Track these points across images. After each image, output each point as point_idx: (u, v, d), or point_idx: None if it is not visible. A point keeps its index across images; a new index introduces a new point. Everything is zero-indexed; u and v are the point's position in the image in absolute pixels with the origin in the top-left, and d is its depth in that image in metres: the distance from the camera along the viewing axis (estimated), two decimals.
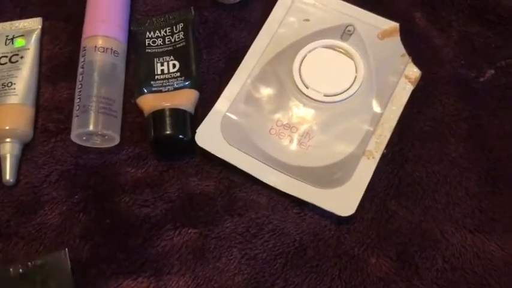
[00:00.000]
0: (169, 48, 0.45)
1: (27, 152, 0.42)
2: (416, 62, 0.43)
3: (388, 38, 0.44)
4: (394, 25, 0.44)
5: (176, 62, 0.44)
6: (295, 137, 0.41)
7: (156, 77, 0.43)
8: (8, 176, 0.40)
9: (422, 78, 0.43)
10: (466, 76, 0.44)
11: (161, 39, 0.45)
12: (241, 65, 0.44)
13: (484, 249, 0.38)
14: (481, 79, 0.44)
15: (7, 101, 0.42)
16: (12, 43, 0.45)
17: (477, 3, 0.47)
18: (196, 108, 0.43)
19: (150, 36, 0.46)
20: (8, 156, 0.41)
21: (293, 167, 0.40)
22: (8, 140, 0.41)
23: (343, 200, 0.39)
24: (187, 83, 0.43)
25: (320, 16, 0.46)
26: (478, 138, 0.42)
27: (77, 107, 0.41)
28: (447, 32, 0.46)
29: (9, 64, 0.44)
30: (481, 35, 0.46)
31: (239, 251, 0.39)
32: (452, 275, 0.37)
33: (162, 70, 0.44)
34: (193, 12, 0.46)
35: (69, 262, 0.37)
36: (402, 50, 0.43)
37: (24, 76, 0.44)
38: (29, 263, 0.37)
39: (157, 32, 0.46)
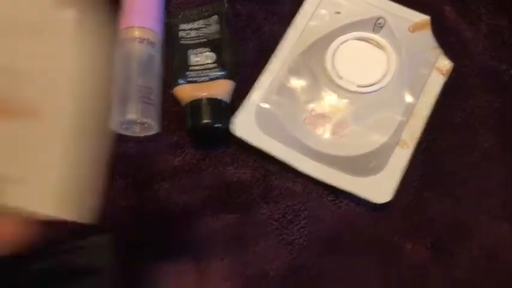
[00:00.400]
0: (204, 40, 0.46)
1: None
2: (447, 54, 0.44)
3: (419, 31, 0.45)
4: (425, 18, 0.45)
5: (211, 53, 0.45)
6: (329, 126, 0.42)
7: (191, 68, 0.44)
8: None
9: (453, 70, 0.44)
10: (496, 69, 0.45)
11: (195, 31, 0.46)
12: (273, 57, 0.45)
13: None
14: (511, 71, 0.45)
15: None
16: None
17: None
18: (232, 98, 0.44)
19: (183, 28, 0.47)
20: None
21: (327, 156, 0.41)
22: None
23: (378, 187, 0.40)
24: (222, 73, 0.44)
25: (351, 9, 0.47)
26: (508, 129, 0.43)
27: (116, 96, 0.42)
28: (476, 25, 0.47)
29: None
30: (510, 28, 0.46)
31: (276, 237, 0.40)
32: (486, 262, 0.38)
33: (197, 61, 0.44)
34: (226, 5, 0.47)
35: (112, 245, 0.38)
36: (434, 43, 0.44)
37: None
38: (73, 243, 0.38)
39: (191, 24, 0.47)
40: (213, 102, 0.42)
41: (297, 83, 0.44)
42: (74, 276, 0.38)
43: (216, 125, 0.42)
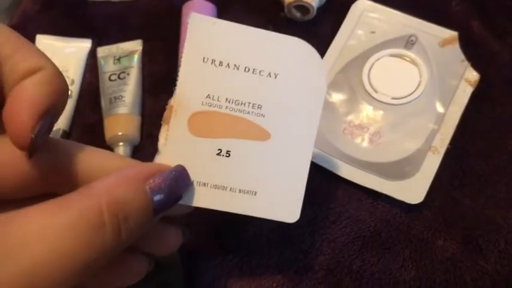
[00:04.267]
0: None
1: (136, 153, 0.50)
2: (475, 66, 0.48)
3: (448, 46, 0.49)
4: (453, 34, 0.49)
5: None
6: (367, 136, 0.47)
7: None
8: None
9: (481, 80, 0.47)
10: None
11: None
12: None
13: None
14: None
15: (119, 111, 0.50)
16: (119, 62, 0.54)
17: None
18: None
19: None
20: None
21: (366, 163, 0.46)
22: (120, 143, 0.49)
23: (412, 190, 0.44)
24: None
25: (384, 28, 0.51)
26: None
27: None
28: (503, 38, 0.50)
29: (118, 80, 0.52)
30: None
31: (320, 235, 0.44)
32: None
33: None
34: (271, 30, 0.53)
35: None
36: (461, 56, 0.48)
37: (131, 90, 0.51)
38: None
39: None
40: None
41: (337, 97, 0.49)
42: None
43: None
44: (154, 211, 0.27)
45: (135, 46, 0.55)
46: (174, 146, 0.32)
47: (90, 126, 0.51)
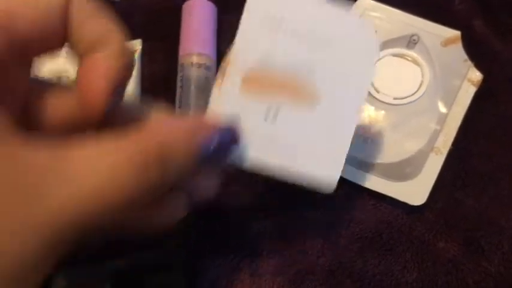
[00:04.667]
0: None
1: None
2: (478, 65, 0.47)
3: (451, 45, 0.48)
4: (456, 33, 0.49)
5: None
6: (369, 136, 0.46)
7: None
8: None
9: (484, 80, 0.47)
10: None
11: None
12: None
13: None
14: None
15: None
16: None
17: None
18: None
19: None
20: None
21: (367, 163, 0.45)
22: None
23: (414, 191, 0.43)
24: None
25: (386, 28, 0.51)
26: None
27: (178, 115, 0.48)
28: (507, 37, 0.50)
29: None
30: None
31: (321, 237, 0.44)
32: None
33: None
34: None
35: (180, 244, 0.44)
36: (464, 56, 0.48)
37: (129, 90, 0.51)
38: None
39: None
40: None
41: None
42: (149, 273, 0.43)
43: None
44: (201, 162, 0.28)
45: (134, 46, 0.54)
46: (225, 102, 0.34)
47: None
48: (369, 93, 0.48)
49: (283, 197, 0.46)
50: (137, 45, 0.54)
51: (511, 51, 0.49)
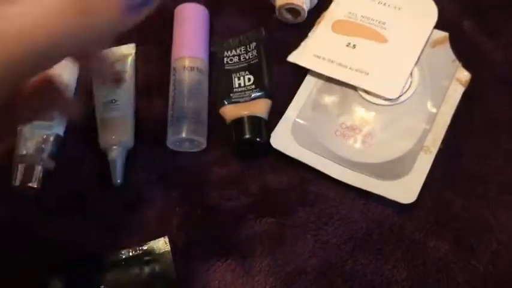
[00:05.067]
0: (245, 64, 0.52)
1: (130, 157, 0.50)
2: (467, 65, 0.48)
3: (440, 46, 0.49)
4: (444, 34, 0.49)
5: (251, 76, 0.50)
6: (359, 137, 0.47)
7: (235, 89, 0.50)
8: (117, 177, 0.48)
9: (472, 80, 0.47)
10: None
11: (237, 57, 0.52)
12: (307, 77, 0.50)
13: None
14: None
15: (112, 115, 0.50)
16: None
17: None
18: (270, 115, 0.49)
19: (227, 55, 0.53)
20: (115, 161, 0.48)
21: (358, 163, 0.46)
22: (114, 147, 0.49)
23: (404, 190, 0.44)
24: (261, 93, 0.49)
25: None
26: None
27: (171, 117, 0.48)
28: (495, 37, 0.50)
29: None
30: None
31: (312, 237, 0.44)
32: (506, 256, 0.41)
33: (239, 84, 0.50)
34: (263, 32, 0.53)
35: (169, 247, 0.44)
36: (452, 56, 0.48)
37: (124, 94, 0.51)
38: (137, 248, 0.45)
39: (233, 51, 0.53)
40: (254, 119, 0.48)
41: (329, 99, 0.49)
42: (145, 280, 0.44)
43: (256, 140, 0.47)
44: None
45: (128, 50, 0.55)
46: (319, 36, 0.51)
47: (84, 131, 0.52)
48: (359, 95, 0.48)
49: (274, 198, 0.46)
50: (131, 49, 0.55)
51: (500, 51, 0.49)
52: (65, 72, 0.54)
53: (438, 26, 0.50)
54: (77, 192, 0.49)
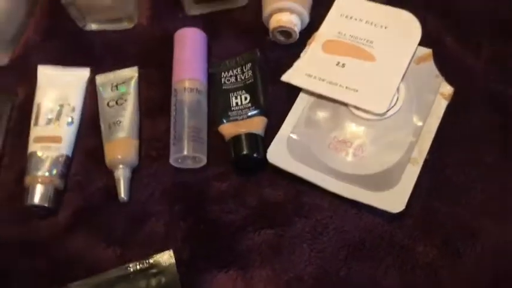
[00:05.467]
0: (241, 84, 0.54)
1: (135, 175, 0.52)
2: (450, 80, 0.50)
3: (424, 63, 0.52)
4: (428, 51, 0.52)
5: (247, 95, 0.53)
6: (350, 150, 0.49)
7: (232, 108, 0.53)
8: (123, 194, 0.50)
9: (456, 93, 0.50)
10: (496, 90, 0.51)
11: (234, 77, 0.55)
12: (300, 95, 0.53)
13: None
14: (510, 91, 0.50)
15: (118, 136, 0.53)
16: (117, 89, 0.56)
17: (503, 24, 0.54)
18: (266, 131, 0.52)
19: (224, 75, 0.56)
20: (121, 179, 0.51)
21: (350, 175, 0.48)
22: (120, 166, 0.51)
23: (393, 199, 0.46)
24: (257, 111, 0.52)
25: None
26: (509, 143, 0.48)
27: (173, 136, 0.51)
28: (477, 52, 0.53)
29: (116, 106, 0.55)
30: (509, 53, 0.52)
31: (308, 246, 0.47)
32: (491, 260, 0.44)
33: (237, 103, 0.53)
34: (258, 53, 0.56)
35: (174, 260, 0.47)
36: (436, 72, 0.51)
37: (128, 115, 0.54)
38: (144, 261, 0.47)
39: (230, 71, 0.56)
40: (251, 136, 0.50)
41: (321, 115, 0.52)
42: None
43: (254, 155, 0.50)
44: None
45: (131, 73, 0.58)
46: (310, 56, 0.55)
47: (91, 151, 0.54)
48: (349, 111, 0.51)
49: (272, 210, 0.49)
50: (134, 72, 0.58)
51: (481, 65, 0.52)
52: (72, 95, 0.57)
53: (422, 42, 0.53)
54: (85, 210, 0.52)
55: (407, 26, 0.54)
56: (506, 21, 0.55)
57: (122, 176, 0.51)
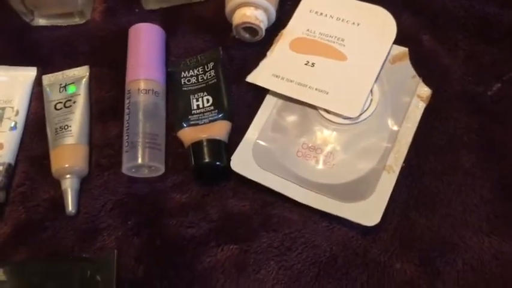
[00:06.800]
0: (203, 85, 0.50)
1: (84, 185, 0.48)
2: (427, 81, 0.47)
3: (399, 62, 0.48)
4: (403, 50, 0.49)
5: (209, 97, 0.49)
6: (320, 157, 0.46)
7: (193, 111, 0.48)
8: (70, 207, 0.46)
9: (433, 96, 0.47)
10: (475, 91, 0.48)
11: (195, 78, 0.51)
12: (267, 97, 0.49)
13: (502, 250, 0.41)
14: (489, 93, 0.48)
15: (65, 142, 0.48)
16: (66, 90, 0.51)
17: (480, 23, 0.51)
18: (230, 137, 0.48)
19: (185, 75, 0.51)
20: (69, 190, 0.46)
21: (320, 185, 0.44)
22: (67, 176, 0.47)
23: (367, 211, 0.43)
24: (220, 115, 0.48)
25: None
26: (488, 148, 0.45)
27: (126, 143, 0.46)
28: (454, 51, 0.50)
29: (64, 109, 0.50)
30: (486, 52, 0.49)
31: (276, 263, 0.43)
32: (472, 275, 0.41)
33: (198, 105, 0.49)
34: (221, 52, 0.52)
35: (115, 262, 0.41)
36: (413, 72, 0.48)
37: (77, 119, 0.49)
38: (83, 255, 0.43)
39: (191, 71, 0.51)
40: (213, 142, 0.46)
41: (289, 119, 0.48)
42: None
43: (216, 164, 0.46)
44: None
45: (81, 72, 0.53)
46: (278, 55, 0.50)
47: (36, 159, 0.50)
48: (319, 114, 0.47)
49: (236, 223, 0.45)
50: (84, 72, 0.53)
51: (460, 66, 0.49)
52: (16, 97, 0.52)
53: (397, 41, 0.49)
54: (28, 224, 0.47)
55: (381, 22, 0.50)
56: (482, 19, 0.52)
57: (69, 187, 0.47)
